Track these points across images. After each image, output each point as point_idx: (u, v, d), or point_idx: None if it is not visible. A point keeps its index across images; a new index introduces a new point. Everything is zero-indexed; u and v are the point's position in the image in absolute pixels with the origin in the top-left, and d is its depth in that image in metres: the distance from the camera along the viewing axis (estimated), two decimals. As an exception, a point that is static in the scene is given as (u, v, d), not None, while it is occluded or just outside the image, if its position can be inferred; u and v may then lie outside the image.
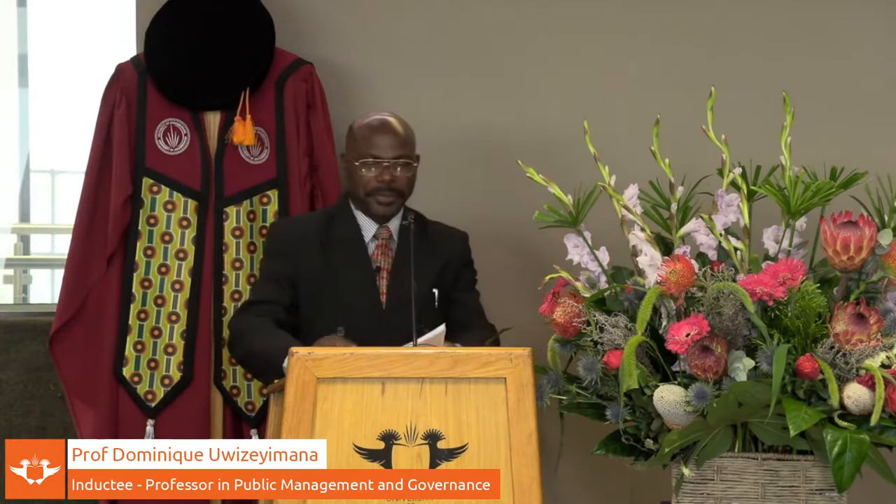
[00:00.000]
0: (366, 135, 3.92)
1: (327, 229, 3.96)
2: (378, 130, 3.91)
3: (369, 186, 3.89)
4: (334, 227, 3.96)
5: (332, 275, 3.89)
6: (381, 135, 3.90)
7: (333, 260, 3.91)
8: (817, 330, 3.34)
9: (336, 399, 3.28)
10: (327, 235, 3.94)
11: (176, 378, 4.35)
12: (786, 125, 3.59)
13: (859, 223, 3.37)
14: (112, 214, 4.38)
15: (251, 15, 4.42)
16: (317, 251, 3.92)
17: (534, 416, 3.29)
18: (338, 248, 3.92)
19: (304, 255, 3.91)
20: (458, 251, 4.01)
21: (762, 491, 3.39)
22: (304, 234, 3.95)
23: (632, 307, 3.47)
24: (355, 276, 3.89)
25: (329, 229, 3.96)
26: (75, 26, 6.51)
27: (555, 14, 4.64)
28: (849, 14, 4.61)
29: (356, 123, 3.98)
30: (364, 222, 3.95)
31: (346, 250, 3.92)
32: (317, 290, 3.89)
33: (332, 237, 3.94)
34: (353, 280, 3.89)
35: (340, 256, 3.91)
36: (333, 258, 3.91)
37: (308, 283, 3.89)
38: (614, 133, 4.12)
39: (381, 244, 3.93)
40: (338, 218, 3.98)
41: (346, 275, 3.89)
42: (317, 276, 3.89)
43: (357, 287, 3.88)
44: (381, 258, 3.92)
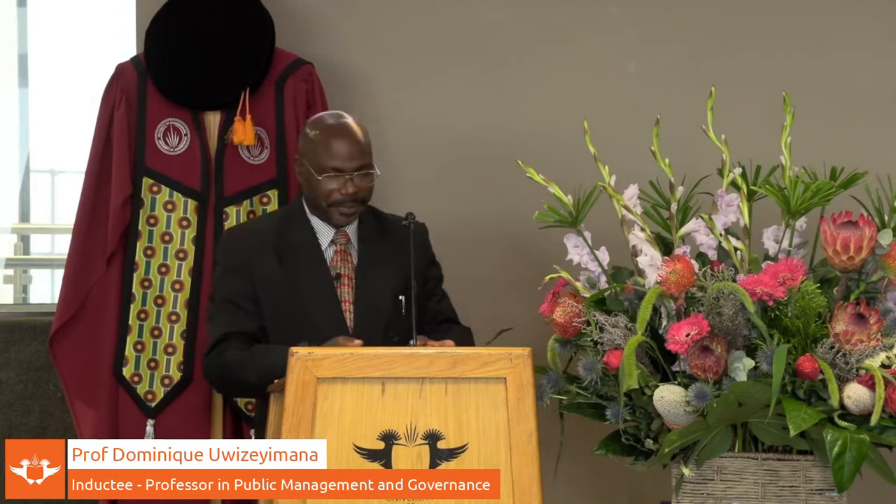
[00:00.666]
0: (325, 143, 3.74)
1: (281, 234, 3.80)
2: (337, 137, 3.74)
3: (332, 198, 3.73)
4: (289, 233, 3.81)
5: (289, 285, 3.75)
6: (342, 143, 3.73)
7: (290, 268, 3.76)
8: (817, 330, 3.34)
9: (336, 399, 3.28)
10: (282, 242, 3.79)
11: (176, 378, 4.35)
12: (786, 125, 3.59)
13: (859, 223, 3.37)
14: (112, 214, 4.38)
15: (251, 15, 4.42)
16: (271, 260, 3.77)
17: (534, 416, 3.29)
18: (293, 255, 3.78)
19: (260, 265, 3.76)
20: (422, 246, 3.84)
21: (762, 491, 3.39)
22: (257, 244, 3.79)
23: (632, 307, 3.47)
24: (314, 285, 3.75)
25: (283, 234, 3.81)
26: (75, 26, 6.51)
27: (555, 14, 4.64)
28: (849, 14, 4.61)
29: (311, 127, 3.80)
30: (319, 226, 3.80)
31: (303, 257, 3.78)
32: (275, 301, 3.75)
33: (287, 243, 3.79)
34: (312, 290, 3.75)
35: (297, 264, 3.77)
36: (290, 266, 3.77)
37: (266, 295, 3.75)
38: (614, 133, 4.11)
39: (340, 249, 3.80)
40: (292, 222, 3.83)
41: (305, 284, 3.75)
42: (274, 287, 3.75)
43: (317, 297, 3.75)
44: (340, 264, 3.78)
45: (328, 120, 3.81)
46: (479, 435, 3.28)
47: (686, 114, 3.77)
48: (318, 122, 3.82)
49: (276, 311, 3.75)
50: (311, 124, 3.82)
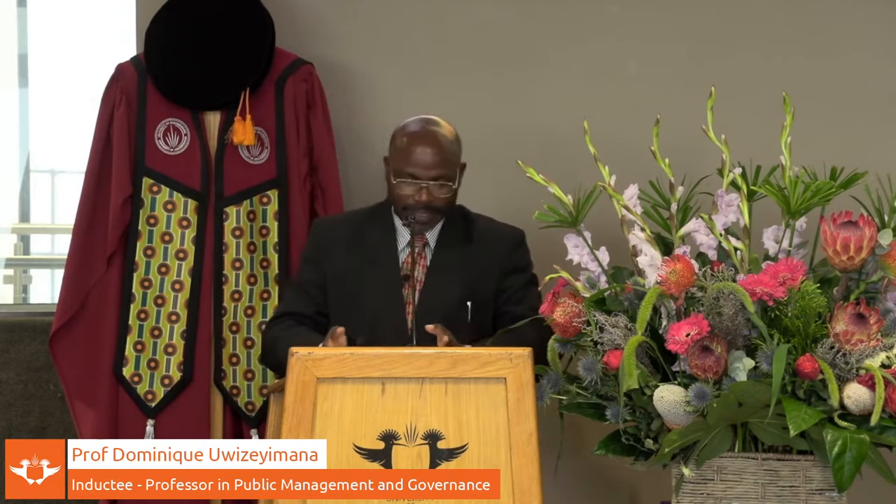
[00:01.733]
0: (407, 148, 3.75)
1: (361, 230, 3.85)
2: (419, 143, 3.74)
3: (405, 203, 3.75)
4: (369, 229, 3.85)
5: (356, 279, 3.80)
6: (421, 150, 3.73)
7: (361, 263, 3.81)
8: (817, 330, 3.33)
9: (336, 399, 3.28)
10: (359, 237, 3.84)
11: (176, 378, 4.35)
12: (786, 125, 3.59)
13: (859, 223, 3.37)
14: (112, 214, 4.38)
15: (251, 15, 4.42)
16: (343, 254, 3.82)
17: (534, 416, 3.29)
18: (367, 250, 3.82)
19: (332, 258, 3.83)
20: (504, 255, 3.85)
21: (762, 491, 3.39)
22: (334, 236, 3.86)
23: (632, 307, 3.46)
24: (379, 284, 3.79)
25: (363, 230, 3.85)
26: (75, 26, 6.51)
27: (555, 14, 4.64)
28: (849, 14, 4.61)
29: (399, 130, 3.81)
30: (400, 227, 3.82)
31: (375, 254, 3.81)
32: (341, 293, 3.81)
33: (363, 239, 3.84)
34: (377, 289, 3.79)
35: (368, 260, 3.81)
36: (361, 261, 3.81)
37: (334, 287, 3.82)
38: (614, 133, 4.11)
39: (415, 251, 3.81)
40: (375, 219, 3.87)
41: (370, 282, 3.79)
42: (342, 280, 3.81)
43: (380, 297, 3.78)
44: (411, 266, 3.79)
45: (416, 125, 3.80)
46: (479, 435, 3.28)
47: (686, 114, 3.77)
48: (406, 125, 3.82)
49: (340, 305, 3.80)
50: (400, 127, 3.82)
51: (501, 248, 3.85)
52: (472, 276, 3.79)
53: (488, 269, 3.82)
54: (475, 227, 3.88)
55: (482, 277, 3.80)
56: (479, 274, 3.80)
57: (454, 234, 3.83)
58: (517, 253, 3.89)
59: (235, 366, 4.36)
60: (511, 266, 3.86)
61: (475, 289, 3.78)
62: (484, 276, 3.81)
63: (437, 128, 3.79)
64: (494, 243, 3.86)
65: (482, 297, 3.79)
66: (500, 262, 3.84)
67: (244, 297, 4.37)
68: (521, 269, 3.88)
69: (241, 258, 4.39)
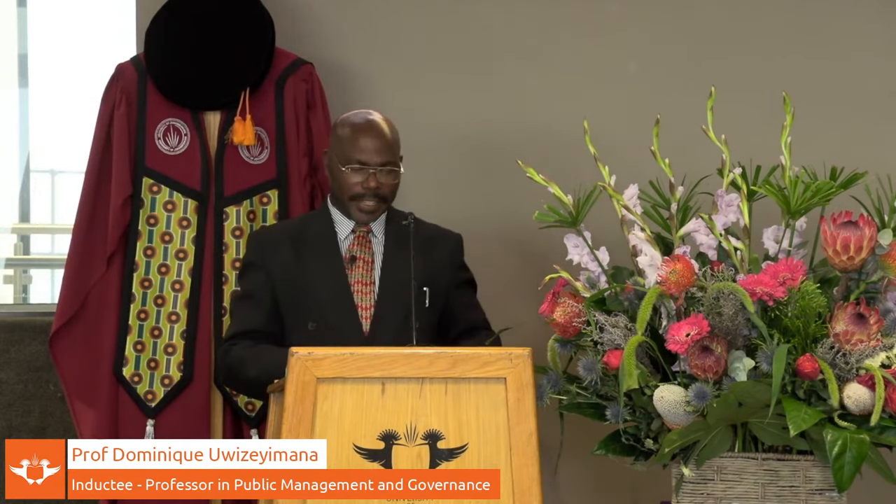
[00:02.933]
0: (351, 137, 3.83)
1: (300, 229, 3.90)
2: (364, 133, 3.83)
3: (353, 191, 3.81)
4: (309, 227, 3.90)
5: (301, 271, 3.83)
6: (368, 138, 3.82)
7: (303, 257, 3.84)
8: (817, 330, 3.33)
9: (336, 399, 3.28)
10: (299, 234, 3.88)
11: (176, 378, 4.35)
12: (786, 125, 3.59)
13: (859, 223, 3.37)
14: (112, 214, 4.38)
15: (251, 15, 4.43)
16: (287, 250, 3.85)
17: (534, 416, 3.28)
18: (309, 245, 3.86)
19: (275, 256, 3.84)
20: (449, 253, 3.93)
21: (762, 491, 3.39)
22: (274, 237, 3.90)
23: (632, 307, 3.46)
24: (323, 268, 3.82)
25: (302, 228, 3.90)
26: (75, 26, 6.51)
27: (555, 14, 4.65)
28: (849, 14, 4.62)
29: (340, 122, 3.90)
30: (340, 219, 3.88)
31: (318, 244, 3.86)
32: (288, 287, 3.82)
33: (305, 235, 3.88)
34: (321, 272, 3.82)
35: (311, 252, 3.85)
36: (304, 255, 3.84)
37: (281, 283, 3.82)
38: (614, 133, 4.11)
39: (359, 236, 3.85)
40: (315, 218, 3.94)
41: (314, 268, 3.83)
42: (287, 274, 3.82)
43: (324, 278, 3.82)
44: (357, 248, 3.84)
45: (358, 116, 3.89)
46: (479, 435, 3.28)
47: (686, 114, 3.77)
48: (347, 118, 3.90)
49: (288, 298, 3.82)
50: (341, 120, 3.91)
51: (448, 245, 3.94)
52: (427, 266, 3.81)
53: (441, 262, 3.88)
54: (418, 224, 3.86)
55: (435, 268, 3.85)
56: (433, 264, 3.84)
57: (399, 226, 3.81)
58: (461, 253, 3.96)
59: (235, 366, 4.36)
60: (458, 263, 3.94)
61: (431, 277, 3.80)
62: (437, 267, 3.86)
63: (377, 117, 3.88)
64: (441, 240, 3.93)
65: (437, 286, 3.82)
66: (449, 258, 3.91)
67: (244, 297, 4.37)
68: (466, 268, 3.96)
69: (242, 258, 4.38)
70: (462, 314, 3.90)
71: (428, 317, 3.78)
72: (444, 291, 3.86)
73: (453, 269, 3.92)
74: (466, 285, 3.95)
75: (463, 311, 3.90)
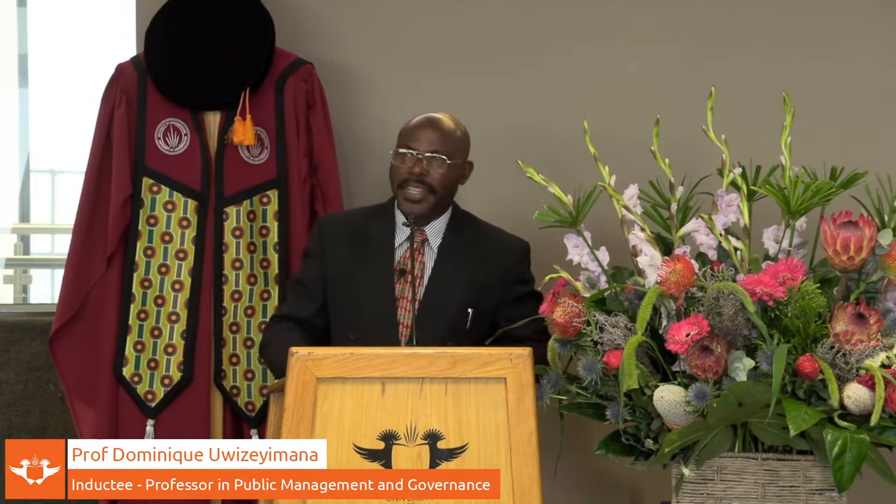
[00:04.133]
0: (408, 126, 3.84)
1: (363, 227, 3.87)
2: (421, 122, 3.83)
3: (399, 177, 3.78)
4: (370, 225, 3.87)
5: (351, 275, 3.81)
6: (422, 127, 3.82)
7: (359, 259, 3.82)
8: (817, 330, 3.33)
9: (336, 399, 3.28)
10: (361, 233, 3.85)
11: (176, 378, 4.35)
12: (786, 125, 3.59)
13: (859, 223, 3.37)
14: (112, 214, 4.38)
15: (251, 15, 4.42)
16: (343, 251, 3.83)
17: (534, 416, 3.28)
18: (367, 246, 3.83)
19: (333, 254, 3.84)
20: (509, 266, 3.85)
21: (762, 491, 3.39)
22: (337, 233, 3.87)
23: (632, 307, 3.46)
24: (371, 278, 3.79)
25: (365, 227, 3.86)
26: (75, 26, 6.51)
27: (555, 14, 4.64)
28: (849, 14, 4.61)
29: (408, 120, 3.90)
30: (401, 223, 3.81)
31: (374, 250, 3.82)
32: (337, 290, 3.82)
33: (364, 235, 3.85)
34: (368, 282, 3.80)
35: (363, 256, 3.82)
36: (360, 257, 3.82)
37: (333, 284, 3.83)
38: (614, 133, 4.11)
39: (413, 247, 3.78)
40: (379, 215, 3.89)
41: (363, 276, 3.80)
42: (341, 277, 3.82)
43: (371, 290, 3.79)
44: (408, 261, 3.77)
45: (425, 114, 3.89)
46: (479, 435, 3.28)
47: (686, 114, 3.77)
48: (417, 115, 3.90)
49: (336, 300, 3.82)
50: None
51: (508, 259, 3.86)
52: (477, 284, 3.79)
53: (493, 279, 3.82)
54: (481, 234, 3.88)
55: (486, 287, 3.81)
56: (484, 282, 3.80)
57: (459, 236, 3.82)
58: (523, 265, 3.89)
59: (235, 366, 4.36)
60: (515, 277, 3.85)
61: (478, 297, 3.78)
62: (489, 286, 3.81)
63: (442, 115, 3.88)
64: (501, 253, 3.86)
65: (484, 306, 3.79)
66: (505, 273, 3.84)
67: (244, 297, 4.37)
68: (525, 282, 3.88)
69: (241, 258, 4.39)
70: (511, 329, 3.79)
71: (471, 337, 3.75)
72: (493, 309, 3.80)
73: (506, 284, 3.82)
74: (522, 300, 3.83)
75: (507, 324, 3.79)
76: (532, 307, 3.74)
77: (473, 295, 3.77)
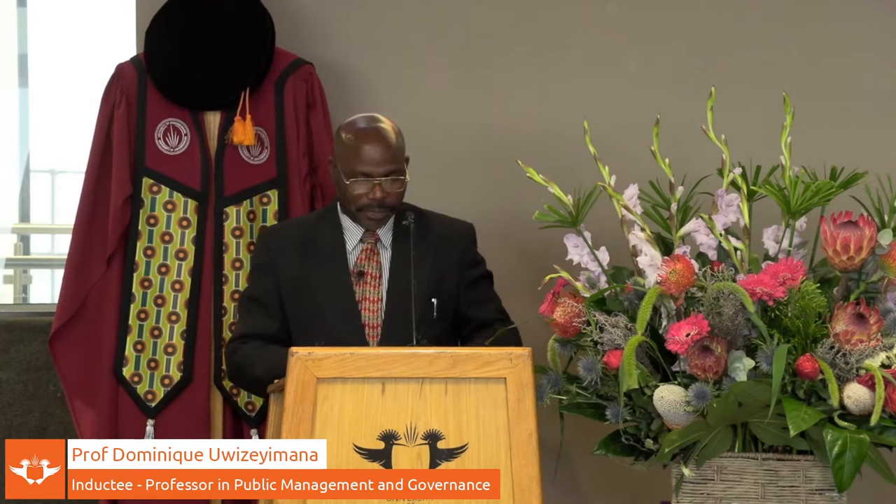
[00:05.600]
0: (354, 147, 3.74)
1: (310, 234, 3.83)
2: (368, 141, 3.73)
3: (360, 202, 3.74)
4: (318, 233, 3.84)
5: (307, 282, 3.78)
6: (372, 147, 3.72)
7: (310, 266, 3.79)
8: (817, 330, 3.33)
9: (336, 399, 3.28)
10: (309, 240, 3.82)
11: (176, 378, 4.35)
12: (786, 125, 3.59)
13: (859, 223, 3.37)
14: (112, 214, 4.38)
15: (251, 15, 4.42)
16: (293, 260, 3.79)
17: (534, 416, 3.28)
18: (316, 253, 3.80)
19: (283, 263, 3.80)
20: (461, 250, 3.88)
21: (762, 491, 3.39)
22: (283, 242, 3.83)
23: (632, 307, 3.46)
24: (330, 282, 3.77)
25: (312, 233, 3.83)
26: (75, 26, 6.51)
27: (555, 14, 4.65)
28: (849, 14, 4.61)
29: (343, 129, 3.80)
30: (349, 226, 3.82)
31: (325, 256, 3.80)
32: (294, 299, 3.78)
33: (313, 241, 3.82)
34: (328, 287, 3.77)
35: (318, 262, 3.79)
36: (311, 264, 3.79)
37: (289, 292, 3.79)
38: (614, 133, 4.11)
39: (367, 248, 3.79)
40: (324, 221, 3.86)
41: (321, 281, 3.77)
42: (294, 285, 3.78)
43: (331, 294, 3.77)
44: (366, 263, 3.79)
45: (361, 123, 3.79)
46: (479, 435, 3.28)
47: (686, 114, 3.77)
48: (351, 124, 3.80)
49: (295, 309, 3.78)
50: (345, 127, 3.81)
51: (458, 243, 3.86)
52: (435, 273, 3.79)
53: (449, 264, 3.83)
54: (428, 223, 3.85)
55: (445, 273, 3.81)
56: (441, 270, 3.81)
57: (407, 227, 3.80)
58: (473, 247, 3.90)
59: (235, 366, 4.36)
60: (468, 260, 3.87)
61: (438, 285, 3.78)
62: (445, 272, 3.81)
63: (382, 124, 3.78)
64: (452, 238, 3.86)
65: (446, 293, 3.79)
66: (460, 258, 3.85)
67: (244, 297, 4.37)
68: (477, 263, 3.89)
69: (242, 258, 4.39)
70: (474, 313, 3.84)
71: (440, 326, 3.75)
72: (454, 295, 3.82)
73: (461, 268, 3.85)
74: (477, 282, 3.88)
75: (474, 309, 3.84)
76: (487, 288, 3.86)
77: (434, 284, 3.77)
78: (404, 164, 3.79)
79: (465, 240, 3.90)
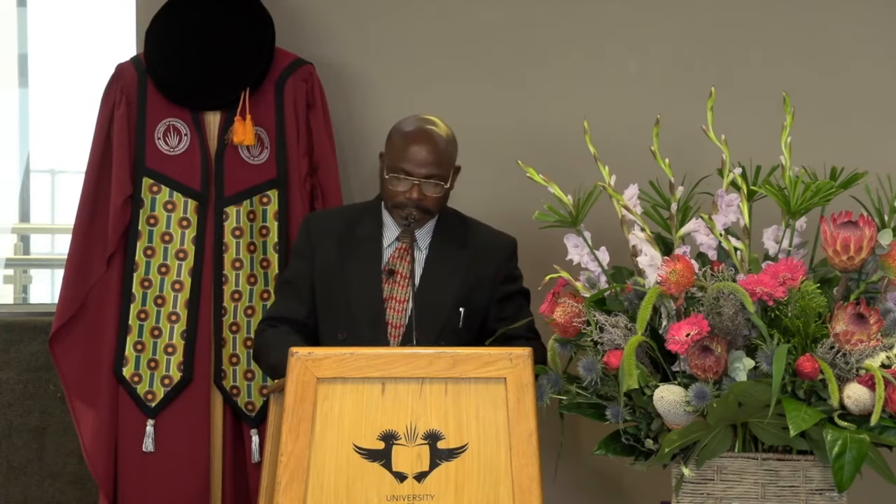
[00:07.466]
0: (403, 144, 3.74)
1: (352, 224, 3.84)
2: (415, 141, 3.73)
3: (396, 199, 3.73)
4: (359, 223, 3.84)
5: (339, 274, 3.79)
6: (418, 147, 3.72)
7: (345, 258, 3.80)
8: (817, 330, 3.33)
9: (336, 399, 3.28)
10: (350, 231, 3.82)
11: (176, 378, 4.35)
12: (786, 125, 3.59)
13: (859, 223, 3.37)
14: (112, 214, 4.38)
15: (251, 15, 4.43)
16: (332, 247, 3.81)
17: (534, 416, 3.29)
18: (353, 245, 3.81)
19: (322, 250, 3.81)
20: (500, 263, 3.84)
21: (762, 491, 3.39)
22: (325, 229, 3.84)
23: (632, 307, 3.46)
24: (360, 277, 3.77)
25: (354, 224, 3.84)
26: (75, 26, 6.51)
27: (555, 14, 4.65)
28: (849, 15, 4.61)
29: (397, 126, 3.80)
30: (389, 222, 3.81)
31: (362, 248, 3.80)
32: (325, 288, 3.80)
33: (353, 232, 3.82)
34: (357, 281, 3.77)
35: (352, 255, 3.80)
36: (346, 256, 3.80)
37: (320, 281, 3.80)
38: (614, 133, 4.11)
39: (402, 247, 3.77)
40: (367, 214, 3.86)
41: (352, 275, 3.78)
42: (327, 274, 3.80)
43: (360, 289, 3.77)
44: (398, 262, 3.77)
45: (414, 123, 3.79)
46: (479, 435, 3.28)
47: (686, 114, 3.77)
48: (404, 122, 3.81)
49: (324, 298, 3.80)
50: (399, 123, 3.82)
51: (497, 256, 3.84)
52: (468, 283, 3.78)
53: (484, 277, 3.81)
54: (470, 232, 3.86)
55: (478, 285, 3.80)
56: (475, 281, 3.79)
57: (449, 236, 3.81)
58: (512, 262, 3.88)
59: (235, 366, 4.36)
60: (505, 275, 3.85)
61: (469, 296, 3.77)
62: (480, 284, 3.80)
63: (434, 127, 3.78)
64: (491, 250, 3.85)
65: (475, 304, 3.78)
66: (495, 271, 3.83)
67: (244, 297, 4.37)
68: (514, 279, 3.87)
69: (241, 258, 4.39)
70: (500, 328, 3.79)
71: (464, 336, 3.75)
72: (484, 307, 3.80)
73: (495, 282, 3.82)
74: (509, 298, 3.84)
75: (502, 325, 3.78)
76: (520, 305, 3.80)
77: (465, 293, 3.77)
78: (449, 172, 3.77)
79: (504, 253, 3.87)
